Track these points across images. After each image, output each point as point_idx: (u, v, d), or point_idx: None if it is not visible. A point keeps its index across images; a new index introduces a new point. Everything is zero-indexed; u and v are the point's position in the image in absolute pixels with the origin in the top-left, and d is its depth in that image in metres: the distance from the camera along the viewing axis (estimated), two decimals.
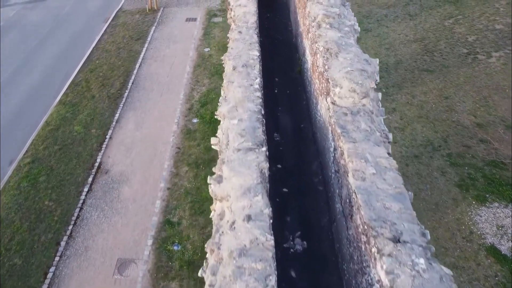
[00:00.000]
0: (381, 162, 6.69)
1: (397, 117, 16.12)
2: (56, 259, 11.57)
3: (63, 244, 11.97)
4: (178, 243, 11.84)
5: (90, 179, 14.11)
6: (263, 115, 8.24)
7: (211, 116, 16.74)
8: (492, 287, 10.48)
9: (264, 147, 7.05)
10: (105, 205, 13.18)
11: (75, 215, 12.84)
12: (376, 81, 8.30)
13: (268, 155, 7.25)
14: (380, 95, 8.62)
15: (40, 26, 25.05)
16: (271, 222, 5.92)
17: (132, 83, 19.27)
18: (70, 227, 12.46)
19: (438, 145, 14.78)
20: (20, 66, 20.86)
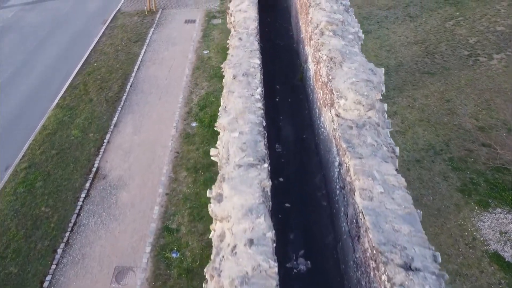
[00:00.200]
0: (389, 180, 6.45)
1: (398, 120, 15.94)
2: (53, 267, 11.38)
3: (59, 251, 11.78)
4: (177, 250, 11.66)
5: (88, 184, 13.92)
6: (265, 127, 8.01)
7: (210, 119, 16.56)
8: None
9: (266, 163, 6.81)
10: (102, 211, 13.00)
11: (72, 221, 12.66)
12: (382, 91, 8.09)
13: (270, 168, 7.03)
14: (385, 106, 8.36)
15: (38, 28, 24.85)
16: (275, 246, 5.65)
17: (131, 86, 19.08)
18: (67, 234, 12.28)
19: (439, 149, 14.61)
20: (17, 69, 20.66)
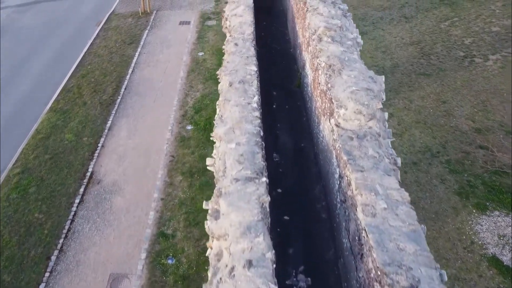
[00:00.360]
0: (392, 195, 6.24)
1: (394, 122, 15.86)
2: (47, 275, 11.19)
3: (53, 258, 11.60)
4: (173, 257, 11.51)
5: (82, 189, 13.73)
6: (262, 137, 7.83)
7: (206, 122, 16.43)
8: None
9: (264, 176, 6.63)
10: (97, 217, 12.82)
11: (66, 227, 12.47)
12: (382, 100, 7.94)
13: (268, 180, 6.83)
14: (386, 114, 8.15)
15: (31, 30, 24.59)
16: (274, 267, 5.45)
17: (125, 89, 18.90)
18: (61, 241, 12.09)
19: (436, 151, 14.55)
20: (10, 72, 20.41)
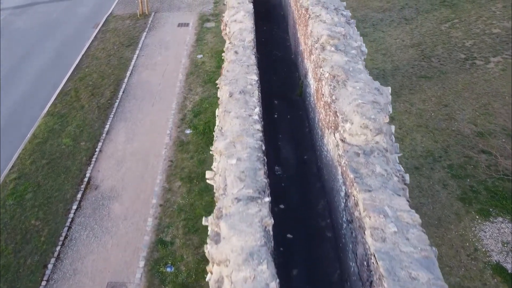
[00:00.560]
0: (402, 217, 5.97)
1: (396, 126, 15.67)
2: (43, 283, 10.99)
3: (50, 267, 11.39)
4: (171, 265, 11.32)
5: (79, 195, 13.53)
6: (264, 152, 7.57)
7: (205, 126, 16.24)
8: None
9: (266, 196, 6.38)
10: (94, 223, 12.62)
11: (63, 235, 12.27)
12: (389, 112, 7.69)
13: (270, 198, 6.54)
14: (393, 128, 7.84)
15: (28, 32, 24.37)
16: None
17: (123, 92, 18.69)
18: (58, 248, 11.89)
19: (438, 155, 14.38)
20: (6, 75, 20.19)
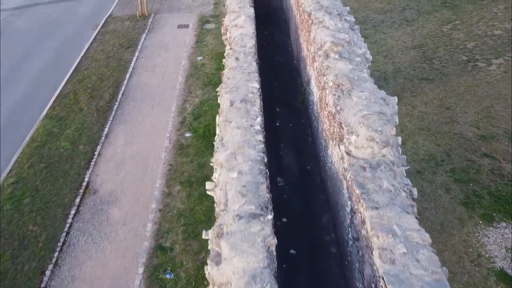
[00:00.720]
0: (411, 237, 5.75)
1: (397, 129, 15.52)
2: None
3: (48, 273, 11.24)
4: (171, 271, 11.16)
5: (78, 200, 13.38)
6: (266, 164, 7.34)
7: (205, 129, 16.09)
8: None
9: (269, 213, 6.17)
10: (93, 229, 12.47)
11: (61, 240, 12.12)
12: (396, 123, 7.45)
13: (272, 212, 6.34)
14: (400, 139, 7.59)
15: (27, 33, 24.22)
16: None
17: (122, 94, 18.54)
18: (56, 254, 11.73)
19: (441, 159, 14.23)
20: (4, 77, 20.03)
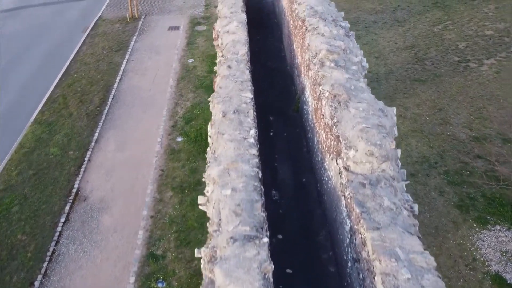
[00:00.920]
0: (415, 260, 5.50)
1: None
2: None
3: (37, 284, 10.98)
4: (163, 280, 10.97)
5: (67, 207, 13.12)
6: (261, 180, 7.11)
7: (196, 134, 15.89)
8: None
9: (265, 236, 5.92)
10: (83, 237, 12.23)
11: (51, 249, 11.86)
12: (395, 136, 7.23)
13: (268, 231, 6.11)
14: (399, 152, 7.38)
15: (15, 36, 23.84)
16: None
17: (112, 98, 18.29)
18: (45, 264, 11.48)
19: (434, 161, 14.17)
20: None
